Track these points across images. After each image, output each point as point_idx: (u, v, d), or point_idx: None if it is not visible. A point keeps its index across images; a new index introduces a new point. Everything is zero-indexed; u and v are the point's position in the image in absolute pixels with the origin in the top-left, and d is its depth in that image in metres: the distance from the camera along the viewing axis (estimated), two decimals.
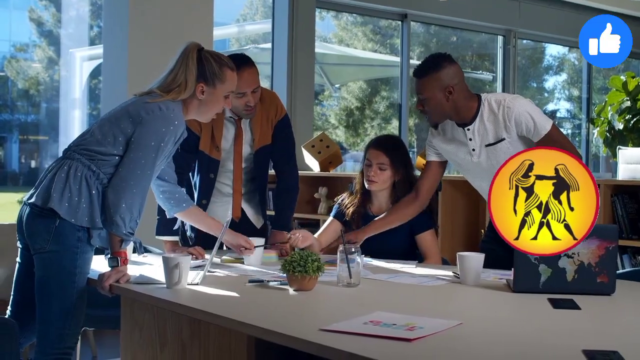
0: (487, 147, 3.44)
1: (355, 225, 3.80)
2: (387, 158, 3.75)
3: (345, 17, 9.14)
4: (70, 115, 7.19)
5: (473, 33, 9.55)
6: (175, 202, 3.37)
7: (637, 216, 4.58)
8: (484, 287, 2.94)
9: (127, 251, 2.99)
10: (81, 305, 2.99)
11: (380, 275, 3.18)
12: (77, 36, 7.33)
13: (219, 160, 3.79)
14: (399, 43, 9.22)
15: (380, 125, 10.08)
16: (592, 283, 2.76)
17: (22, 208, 3.05)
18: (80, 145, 3.03)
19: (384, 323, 2.22)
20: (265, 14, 9.07)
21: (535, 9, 8.95)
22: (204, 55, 3.13)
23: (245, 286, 2.89)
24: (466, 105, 3.43)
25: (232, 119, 3.79)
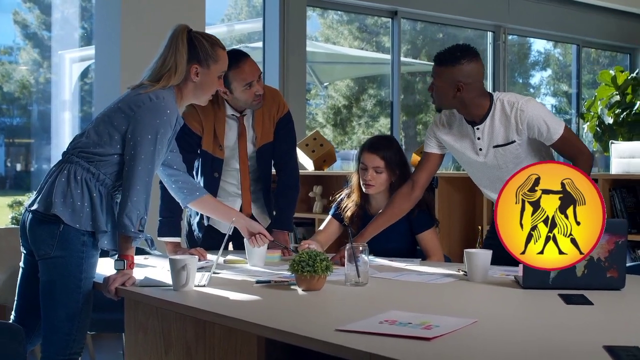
0: (496, 147, 3.42)
1: (355, 227, 3.76)
2: (382, 161, 3.71)
3: (332, 15, 9.11)
4: (60, 118, 7.14)
5: (459, 30, 9.54)
6: (188, 192, 3.34)
7: (635, 210, 4.59)
8: (493, 284, 2.93)
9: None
10: (87, 309, 2.96)
11: (387, 273, 3.17)
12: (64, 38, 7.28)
13: (223, 159, 3.77)
14: (385, 41, 9.22)
15: (367, 123, 10.05)
16: (602, 278, 2.75)
17: (25, 214, 3.02)
18: (78, 148, 2.99)
19: (399, 322, 2.20)
20: (249, 14, 9.03)
21: (524, 5, 8.97)
22: (194, 36, 3.07)
23: (253, 287, 2.87)
24: (476, 104, 3.40)
25: (234, 116, 3.77)
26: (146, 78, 3.07)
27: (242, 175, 3.81)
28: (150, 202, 2.97)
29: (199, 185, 3.40)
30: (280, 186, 3.90)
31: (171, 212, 3.64)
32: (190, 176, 3.40)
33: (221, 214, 3.50)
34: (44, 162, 7.08)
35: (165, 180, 3.31)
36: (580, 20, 9.55)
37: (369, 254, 2.92)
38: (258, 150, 3.82)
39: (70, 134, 7.04)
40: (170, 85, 3.02)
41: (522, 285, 2.80)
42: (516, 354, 1.93)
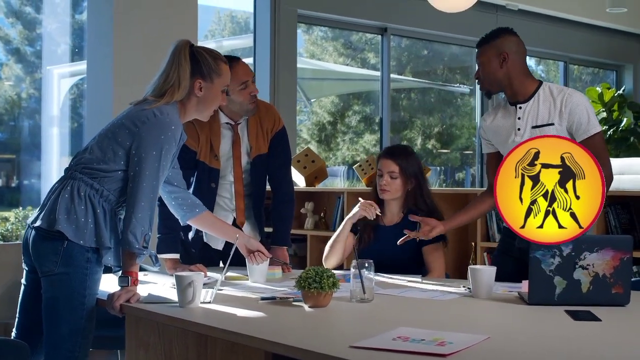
0: (534, 128, 3.43)
1: (367, 236, 3.78)
2: (397, 166, 3.77)
3: (316, 32, 9.13)
4: (49, 133, 7.11)
5: (445, 46, 9.59)
6: (188, 208, 3.33)
7: (630, 226, 4.62)
8: (497, 300, 2.93)
9: None
10: (90, 326, 2.94)
11: (391, 290, 3.16)
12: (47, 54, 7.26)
13: (219, 169, 3.76)
14: (370, 57, 9.24)
15: (352, 139, 10.08)
16: (607, 294, 2.76)
17: (27, 231, 3.00)
18: (81, 164, 2.97)
19: (412, 339, 2.20)
20: (233, 30, 9.04)
21: (512, 22, 9.01)
22: (197, 51, 3.08)
23: (258, 303, 2.86)
24: (521, 80, 3.47)
25: (228, 125, 3.77)
26: (149, 94, 3.06)
27: (235, 183, 3.79)
28: (153, 218, 2.96)
29: (198, 202, 3.39)
30: (276, 202, 3.90)
31: (169, 228, 3.63)
32: (189, 192, 3.39)
33: (220, 231, 3.49)
34: (34, 177, 7.04)
35: (165, 197, 3.30)
36: (567, 37, 9.63)
37: (374, 270, 2.91)
38: (252, 162, 3.81)
39: (59, 149, 7.01)
40: (174, 101, 3.02)
41: (528, 302, 2.80)
42: None
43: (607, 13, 8.47)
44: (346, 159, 9.36)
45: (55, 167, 6.99)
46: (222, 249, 3.82)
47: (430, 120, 9.98)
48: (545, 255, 2.76)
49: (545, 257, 2.76)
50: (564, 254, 2.75)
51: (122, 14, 5.58)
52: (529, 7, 8.87)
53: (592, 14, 9.34)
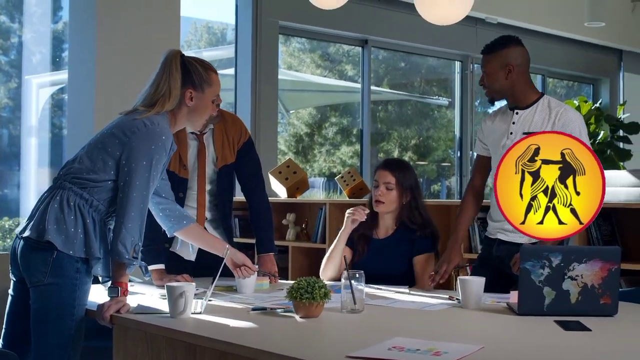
0: (525, 134, 3.46)
1: (362, 249, 3.79)
2: (393, 178, 3.78)
3: (294, 43, 9.15)
4: (27, 143, 7.07)
5: (422, 58, 9.64)
6: (175, 220, 3.32)
7: (611, 238, 4.66)
8: (486, 310, 2.95)
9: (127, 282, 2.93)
10: (79, 337, 2.92)
11: (380, 301, 3.17)
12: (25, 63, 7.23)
13: (187, 178, 3.76)
14: (348, 69, 9.26)
15: (329, 151, 10.10)
16: (596, 304, 2.78)
17: (15, 241, 2.98)
18: (70, 174, 2.96)
19: (408, 349, 2.21)
20: (209, 40, 9.03)
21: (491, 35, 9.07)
22: (188, 61, 3.08)
23: (249, 314, 2.85)
24: (524, 91, 3.54)
25: (193, 134, 3.77)
26: (140, 103, 3.05)
27: (198, 191, 3.78)
28: (144, 228, 2.95)
29: (186, 214, 3.38)
30: (254, 210, 3.92)
31: (152, 240, 3.61)
32: (177, 204, 3.38)
33: (208, 244, 3.48)
34: (13, 187, 6.99)
35: (153, 208, 3.29)
36: (546, 51, 9.71)
37: (364, 281, 2.92)
38: (219, 172, 3.82)
39: (37, 159, 6.97)
40: (164, 111, 3.01)
41: (517, 312, 2.82)
42: None
43: (585, 27, 8.55)
44: (323, 170, 9.37)
45: (33, 177, 6.95)
46: (195, 259, 3.81)
47: (407, 132, 10.01)
48: (535, 266, 2.78)
49: (535, 267, 2.78)
50: (553, 265, 2.78)
51: (104, 24, 5.57)
52: (508, 20, 8.95)
53: (570, 28, 9.44)
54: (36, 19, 7.16)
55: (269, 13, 7.28)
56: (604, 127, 8.80)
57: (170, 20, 5.87)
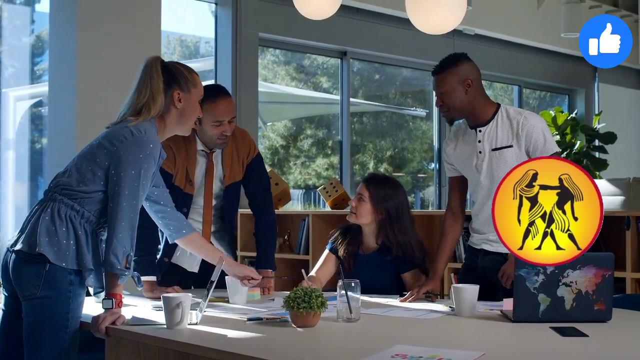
0: (494, 151, 3.49)
1: (347, 264, 3.78)
2: (367, 191, 3.77)
3: (268, 56, 9.16)
4: (4, 157, 7.03)
5: (396, 70, 9.68)
6: (175, 229, 3.30)
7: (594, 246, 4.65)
8: (481, 318, 2.97)
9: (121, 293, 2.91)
10: (73, 350, 2.89)
11: (375, 310, 3.18)
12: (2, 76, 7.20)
13: (192, 194, 3.76)
14: (322, 81, 9.28)
15: (304, 163, 10.12)
16: (590, 310, 2.81)
17: (7, 254, 2.94)
18: (60, 186, 2.93)
19: (410, 356, 2.22)
20: (182, 53, 9.02)
21: (468, 47, 9.16)
22: (170, 64, 3.06)
23: (246, 324, 2.85)
24: (482, 105, 3.52)
25: (203, 152, 3.77)
26: (125, 112, 3.02)
27: (204, 207, 3.79)
28: (135, 238, 2.93)
29: (186, 223, 3.35)
30: (259, 226, 3.92)
31: (145, 250, 3.60)
32: (177, 212, 3.35)
33: (207, 254, 3.45)
34: None
35: (153, 216, 3.27)
36: (522, 61, 9.81)
37: (360, 290, 2.93)
38: (225, 189, 3.82)
39: (15, 173, 6.92)
40: (151, 117, 2.99)
41: (512, 319, 2.84)
42: None
43: (561, 38, 8.64)
44: (298, 182, 9.37)
45: (11, 191, 6.89)
46: (198, 271, 3.81)
47: (383, 143, 10.04)
48: (530, 273, 2.80)
49: (530, 275, 2.80)
50: (548, 272, 2.80)
51: (84, 36, 5.55)
52: (485, 31, 9.02)
53: (547, 39, 9.53)
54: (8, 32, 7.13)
55: (248, 25, 7.29)
56: (580, 137, 8.90)
57: (151, 33, 5.86)
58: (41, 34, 7.11)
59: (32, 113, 7.22)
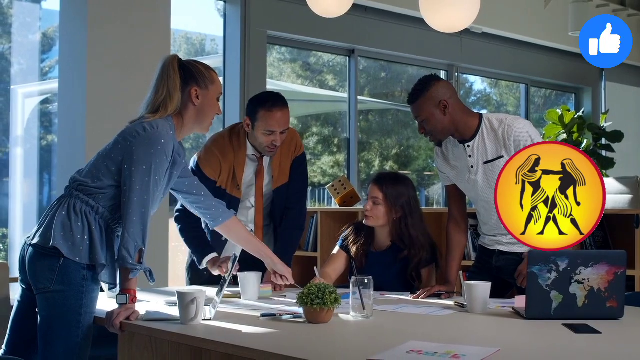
0: (486, 164, 3.47)
1: (359, 263, 3.79)
2: (381, 193, 3.75)
3: (274, 54, 9.17)
4: (13, 153, 7.05)
5: (402, 68, 9.68)
6: (211, 217, 3.34)
7: (604, 244, 4.71)
8: (493, 315, 2.98)
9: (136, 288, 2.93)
10: (86, 345, 2.91)
11: (386, 306, 3.19)
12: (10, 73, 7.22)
13: (240, 198, 3.79)
14: (329, 79, 9.28)
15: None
16: (602, 308, 2.82)
17: (24, 248, 2.98)
18: (77, 182, 2.97)
19: (426, 352, 2.23)
20: (188, 51, 9.03)
21: (476, 45, 9.17)
22: (187, 62, 3.09)
23: (260, 320, 2.86)
24: (465, 120, 3.48)
25: (254, 156, 3.79)
26: (144, 111, 3.05)
27: (256, 213, 3.83)
28: (148, 233, 2.95)
29: (222, 210, 3.36)
30: (287, 224, 3.91)
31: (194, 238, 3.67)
32: (214, 199, 3.36)
33: (247, 244, 3.51)
34: (2, 197, 6.96)
35: (189, 207, 3.33)
36: (530, 60, 9.80)
37: (372, 287, 2.94)
38: (275, 191, 3.85)
39: (23, 169, 6.94)
40: (168, 115, 3.01)
41: (525, 316, 2.85)
42: None
43: (568, 37, 8.63)
44: None
45: (19, 187, 6.92)
46: None
47: (389, 141, 10.05)
48: (542, 271, 2.81)
49: (542, 272, 2.81)
50: (560, 269, 2.80)
51: (95, 33, 5.56)
52: (493, 30, 9.01)
53: (554, 38, 9.52)
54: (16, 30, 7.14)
55: (257, 23, 7.30)
56: (587, 136, 8.89)
57: (161, 30, 5.87)
58: (48, 31, 7.13)
59: (40, 110, 7.23)
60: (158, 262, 5.07)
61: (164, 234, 5.63)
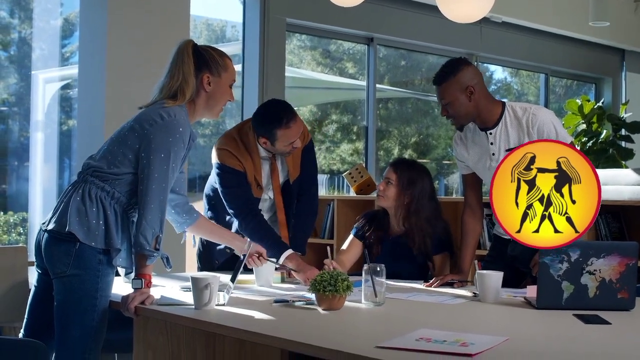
0: (507, 151, 3.46)
1: (375, 248, 3.82)
2: (394, 174, 3.83)
3: (294, 41, 9.18)
4: (34, 138, 7.11)
5: (422, 56, 9.67)
6: (187, 215, 3.35)
7: (619, 235, 4.71)
8: (504, 304, 2.99)
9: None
10: (102, 328, 2.95)
11: (398, 294, 3.22)
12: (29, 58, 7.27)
13: (260, 197, 3.83)
14: (348, 67, 9.28)
15: (329, 148, 10.14)
16: (613, 299, 2.83)
17: (39, 234, 3.01)
18: (92, 168, 2.99)
19: (434, 339, 2.25)
20: (208, 38, 9.05)
21: (495, 34, 9.14)
22: (201, 48, 3.10)
23: (272, 306, 2.90)
24: (488, 108, 3.47)
25: (267, 157, 3.83)
26: (158, 96, 3.07)
27: (278, 212, 3.86)
28: (165, 219, 2.98)
29: (193, 208, 3.40)
30: (300, 210, 3.95)
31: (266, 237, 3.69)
32: (187, 199, 3.39)
33: (220, 237, 3.54)
34: (22, 182, 7.02)
35: None
36: (549, 49, 9.75)
37: (385, 275, 2.96)
38: (292, 184, 3.90)
39: (44, 154, 7.00)
40: (185, 102, 3.04)
41: (536, 306, 2.86)
42: None
43: (589, 27, 8.59)
44: (323, 167, 9.40)
45: (39, 172, 6.98)
46: None
47: (408, 130, 10.05)
48: (554, 261, 2.82)
49: (554, 262, 2.82)
50: (572, 260, 2.82)
51: (115, 18, 5.59)
52: (513, 19, 8.98)
53: (574, 28, 9.46)
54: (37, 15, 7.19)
55: (276, 10, 7.31)
56: (607, 126, 8.85)
57: (180, 16, 5.90)
58: (69, 16, 7.17)
59: (61, 95, 7.29)
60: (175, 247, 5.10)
61: None
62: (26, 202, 6.93)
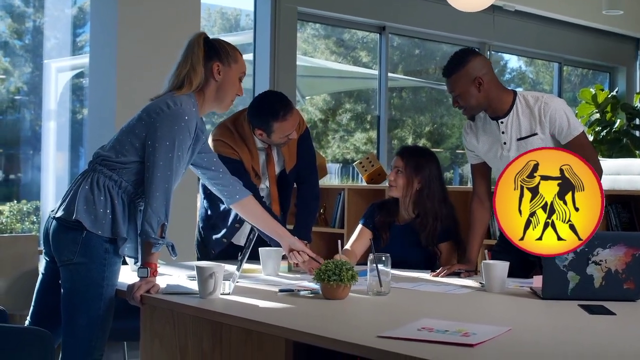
0: (519, 140, 3.46)
1: (384, 235, 3.84)
2: (401, 162, 3.84)
3: (308, 29, 9.17)
4: (46, 127, 7.15)
5: (436, 45, 9.64)
6: (228, 194, 3.37)
7: (629, 225, 4.69)
8: (510, 294, 2.99)
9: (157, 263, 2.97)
10: (108, 316, 2.97)
11: (404, 284, 3.22)
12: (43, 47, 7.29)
13: (258, 186, 3.83)
14: (362, 55, 9.27)
15: (343, 137, 10.13)
16: (619, 289, 2.82)
17: (48, 221, 3.03)
18: (101, 157, 3.01)
19: (437, 329, 2.24)
20: (223, 26, 9.06)
21: (508, 23, 9.10)
22: (213, 39, 3.11)
23: (277, 295, 2.90)
24: (499, 97, 3.47)
25: (262, 147, 3.84)
26: (167, 87, 3.09)
27: (273, 203, 3.87)
28: (171, 208, 2.99)
29: (239, 188, 3.38)
30: (302, 198, 3.98)
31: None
32: (230, 177, 3.38)
33: (262, 222, 3.49)
34: (34, 171, 7.06)
35: (207, 183, 3.36)
36: (563, 38, 9.71)
37: (390, 264, 2.96)
38: (288, 174, 3.91)
39: (56, 143, 7.03)
40: (192, 90, 3.05)
41: (541, 296, 2.86)
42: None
43: (603, 15, 8.55)
44: (336, 156, 9.40)
45: (52, 161, 7.01)
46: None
47: (422, 119, 10.03)
48: None
49: None
50: (578, 250, 2.81)
51: (125, 7, 5.60)
52: (526, 8, 8.94)
53: (588, 16, 9.42)
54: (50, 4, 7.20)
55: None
56: (620, 116, 8.81)
57: (191, 5, 5.90)
58: (83, 5, 7.19)
59: (74, 84, 7.31)
60: (184, 235, 5.12)
61: (192, 207, 5.67)
62: (39, 191, 6.98)
